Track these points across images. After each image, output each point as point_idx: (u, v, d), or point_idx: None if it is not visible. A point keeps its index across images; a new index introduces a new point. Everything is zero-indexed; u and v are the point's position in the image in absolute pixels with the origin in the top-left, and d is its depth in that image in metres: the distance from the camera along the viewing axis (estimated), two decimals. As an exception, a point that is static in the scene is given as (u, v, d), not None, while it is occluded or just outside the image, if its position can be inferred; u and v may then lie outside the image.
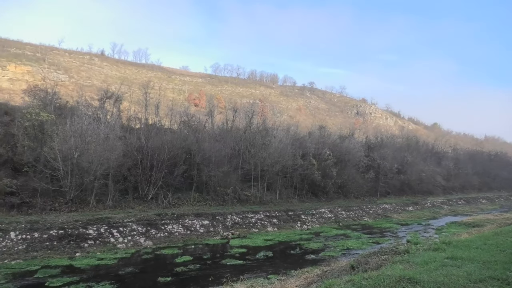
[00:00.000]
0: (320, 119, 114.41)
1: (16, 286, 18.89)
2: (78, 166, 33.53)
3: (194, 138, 44.92)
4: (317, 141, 58.05)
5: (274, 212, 42.40)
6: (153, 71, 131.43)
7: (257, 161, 47.57)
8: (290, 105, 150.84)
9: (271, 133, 54.79)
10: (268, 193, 48.13)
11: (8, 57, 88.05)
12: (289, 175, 50.67)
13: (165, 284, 20.37)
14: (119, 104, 50.21)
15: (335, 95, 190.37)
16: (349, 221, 46.48)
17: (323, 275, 14.01)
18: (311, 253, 28.80)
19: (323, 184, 53.07)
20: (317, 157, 54.15)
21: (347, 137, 69.08)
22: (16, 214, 29.57)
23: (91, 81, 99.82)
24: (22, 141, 35.48)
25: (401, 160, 70.93)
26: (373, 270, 11.52)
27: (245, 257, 27.02)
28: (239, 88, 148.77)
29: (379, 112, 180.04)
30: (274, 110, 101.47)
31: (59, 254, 25.26)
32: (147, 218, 33.22)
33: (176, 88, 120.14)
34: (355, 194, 59.05)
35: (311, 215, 44.97)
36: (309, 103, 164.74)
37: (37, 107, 38.80)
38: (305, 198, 51.88)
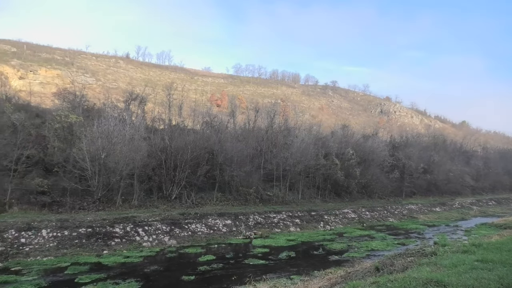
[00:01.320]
0: (342, 118, 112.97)
1: (48, 282, 19.63)
2: (105, 166, 34.54)
3: (217, 138, 45.33)
4: (340, 141, 57.37)
5: (296, 212, 42.20)
6: (176, 72, 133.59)
7: (279, 161, 47.48)
8: (312, 104, 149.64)
9: (293, 132, 54.57)
10: (290, 193, 47.94)
11: (39, 61, 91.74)
12: (312, 175, 50.29)
13: (189, 282, 20.65)
14: (143, 105, 51.38)
15: (358, 93, 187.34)
16: (373, 222, 45.66)
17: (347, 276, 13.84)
18: (334, 254, 28.46)
19: (346, 184, 52.38)
20: (340, 156, 53.49)
21: (370, 136, 67.91)
22: (47, 213, 30.78)
23: (117, 84, 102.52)
24: (53, 142, 36.88)
25: (427, 160, 69.03)
26: (399, 272, 11.27)
27: (267, 257, 27.01)
28: (261, 88, 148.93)
29: (404, 110, 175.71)
30: (296, 109, 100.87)
31: (88, 251, 26.10)
32: (171, 217, 33.80)
33: (199, 89, 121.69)
34: (380, 194, 57.95)
35: (334, 215, 44.46)
36: (331, 102, 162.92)
37: (66, 109, 40.30)
38: (328, 198, 51.35)
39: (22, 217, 28.47)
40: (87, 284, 19.42)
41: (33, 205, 31.37)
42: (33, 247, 25.26)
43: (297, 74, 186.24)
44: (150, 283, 20.35)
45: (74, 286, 19.00)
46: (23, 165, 33.10)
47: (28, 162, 33.95)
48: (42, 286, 18.90)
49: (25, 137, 34.31)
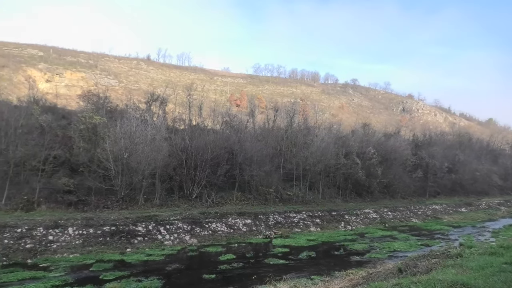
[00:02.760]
0: (363, 117, 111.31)
1: (74, 278, 20.26)
2: (128, 166, 35.33)
3: (236, 138, 45.55)
4: (360, 140, 56.57)
5: (317, 212, 41.89)
6: (195, 73, 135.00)
7: (299, 160, 47.25)
8: (332, 103, 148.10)
9: (312, 132, 54.22)
10: (310, 193, 47.65)
11: (65, 65, 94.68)
12: (332, 174, 49.81)
13: (209, 281, 20.85)
14: (164, 106, 52.23)
15: (379, 91, 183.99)
16: (396, 222, 44.79)
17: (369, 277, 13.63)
18: (356, 255, 28.10)
19: (367, 183, 51.61)
20: (361, 156, 52.74)
21: (392, 135, 66.73)
22: (73, 211, 31.78)
23: (139, 85, 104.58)
24: (78, 143, 38.02)
25: (452, 159, 67.14)
26: (423, 274, 11.01)
27: (287, 256, 26.95)
28: (280, 87, 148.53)
29: (427, 108, 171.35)
30: (315, 108, 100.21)
31: (112, 249, 26.78)
32: (192, 216, 34.21)
33: (218, 89, 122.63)
34: (402, 194, 56.80)
35: (355, 215, 43.88)
36: (351, 101, 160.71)
37: (90, 110, 41.46)
38: (348, 198, 50.73)
39: (50, 215, 29.52)
40: (111, 281, 19.91)
41: (60, 204, 32.47)
42: (60, 244, 26.14)
43: (317, 73, 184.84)
44: (171, 281, 20.67)
45: (99, 283, 19.52)
46: (50, 165, 34.31)
47: (55, 162, 35.15)
48: (69, 282, 19.51)
49: (52, 138, 35.56)
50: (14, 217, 28.38)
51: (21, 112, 35.72)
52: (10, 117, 33.04)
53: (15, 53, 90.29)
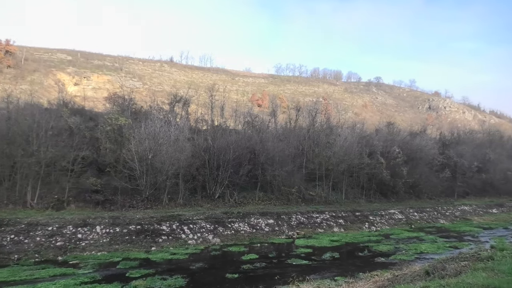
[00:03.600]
0: (388, 116, 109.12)
1: (102, 275, 20.88)
2: (152, 166, 36.07)
3: (258, 138, 45.62)
4: (385, 139, 55.45)
5: (340, 213, 41.38)
6: (217, 74, 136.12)
7: (321, 160, 46.82)
8: (355, 102, 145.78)
9: (335, 131, 53.57)
10: (333, 193, 47.11)
11: (92, 68, 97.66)
12: (356, 174, 49.04)
13: (233, 280, 20.97)
14: (187, 107, 53.02)
15: (404, 89, 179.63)
16: (422, 223, 43.63)
17: (394, 279, 13.33)
18: (381, 256, 27.56)
19: (392, 183, 50.51)
20: (385, 155, 51.70)
21: (418, 134, 65.05)
22: (100, 210, 32.77)
23: (162, 87, 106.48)
24: (105, 144, 39.15)
25: (482, 158, 64.68)
26: (451, 277, 10.66)
27: (310, 257, 26.76)
28: (302, 86, 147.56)
29: (455, 105, 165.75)
30: (338, 107, 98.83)
31: (137, 247, 27.42)
32: (215, 216, 34.54)
33: (240, 90, 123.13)
34: (429, 195, 55.26)
35: (380, 216, 43.05)
36: (375, 99, 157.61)
37: (116, 112, 42.61)
38: (373, 198, 49.82)
39: (79, 214, 30.57)
40: (137, 278, 20.38)
41: (88, 203, 33.56)
42: (88, 242, 27.00)
43: (339, 71, 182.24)
44: (195, 280, 20.93)
45: (125, 280, 20.02)
46: (79, 165, 35.49)
47: (83, 162, 36.35)
48: (97, 279, 20.12)
49: (80, 139, 36.78)
50: (46, 215, 29.56)
51: (51, 114, 37.11)
52: (41, 120, 34.39)
53: (46, 58, 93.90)
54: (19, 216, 28.34)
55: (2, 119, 35.24)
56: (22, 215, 28.78)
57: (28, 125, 33.88)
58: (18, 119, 35.19)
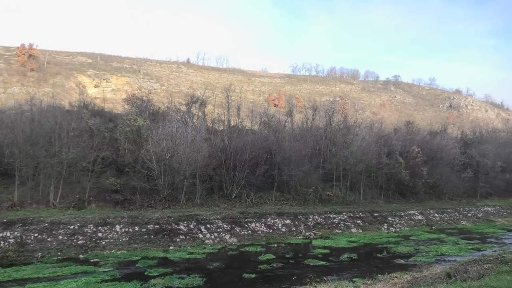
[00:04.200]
0: (406, 115, 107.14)
1: (121, 274, 21.28)
2: (170, 167, 36.53)
3: (274, 138, 45.56)
4: (404, 138, 54.46)
5: (358, 213, 40.89)
6: (234, 74, 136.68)
7: (338, 160, 46.37)
8: (373, 101, 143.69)
9: (353, 131, 52.93)
10: (351, 193, 46.58)
11: (111, 70, 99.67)
12: (374, 174, 48.33)
13: (250, 280, 21.01)
14: (203, 107, 53.46)
15: (424, 87, 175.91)
16: (443, 225, 42.66)
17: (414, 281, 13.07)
18: (400, 258, 27.09)
19: (411, 184, 49.54)
20: (404, 155, 50.75)
21: (438, 133, 63.60)
22: (120, 210, 33.41)
23: (179, 88, 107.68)
24: (124, 145, 39.90)
25: (506, 157, 62.60)
26: (474, 280, 10.37)
27: (328, 258, 26.54)
28: (318, 86, 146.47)
29: (477, 103, 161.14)
30: (355, 107, 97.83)
31: (156, 247, 27.82)
32: (232, 216, 34.68)
33: (256, 90, 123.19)
34: (450, 195, 53.93)
35: (399, 217, 42.31)
36: (394, 98, 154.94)
37: (134, 113, 43.37)
38: (391, 199, 48.99)
39: (99, 213, 31.26)
40: (155, 277, 20.69)
41: (108, 203, 34.27)
42: (108, 241, 27.58)
43: (356, 70, 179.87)
44: (212, 279, 21.08)
45: (144, 279, 20.34)
46: (99, 165, 36.29)
47: (103, 163, 37.16)
48: (117, 277, 20.52)
49: (100, 140, 37.60)
50: (67, 214, 30.36)
51: (73, 116, 38.06)
52: (63, 121, 35.32)
53: (67, 61, 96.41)
54: (42, 215, 29.20)
55: (26, 121, 36.34)
56: (45, 214, 29.64)
57: (51, 127, 34.84)
58: (41, 121, 36.24)
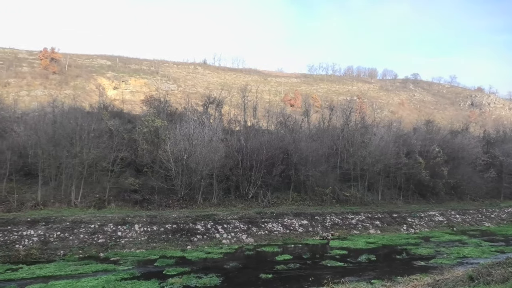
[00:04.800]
0: (426, 113, 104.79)
1: (140, 272, 21.63)
2: (187, 167, 36.90)
3: (291, 138, 45.40)
4: (423, 138, 53.36)
5: (376, 214, 40.31)
6: (250, 75, 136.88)
7: (356, 160, 45.83)
8: (391, 100, 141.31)
9: (370, 130, 52.21)
10: (369, 194, 45.95)
11: (129, 72, 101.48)
12: (392, 174, 47.53)
13: (267, 280, 21.00)
14: (220, 108, 53.79)
15: (444, 85, 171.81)
16: (465, 226, 41.61)
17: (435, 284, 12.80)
18: (420, 259, 26.55)
19: (432, 184, 48.47)
20: (424, 154, 49.73)
21: (459, 132, 62.08)
22: (139, 209, 33.97)
23: (196, 89, 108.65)
24: (142, 145, 40.54)
25: (531, 157, 60.45)
26: (498, 283, 10.07)
27: (345, 259, 26.26)
28: (335, 85, 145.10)
29: (500, 101, 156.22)
30: (373, 106, 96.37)
31: (173, 246, 28.16)
32: (248, 216, 34.76)
33: (272, 90, 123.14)
34: (472, 196, 52.51)
35: (419, 218, 41.49)
36: (413, 97, 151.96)
37: (152, 114, 44.01)
38: (411, 200, 48.06)
39: (118, 213, 31.86)
40: (173, 276, 20.94)
41: (127, 202, 34.89)
42: (127, 240, 28.08)
43: (374, 69, 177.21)
44: (230, 279, 21.16)
45: (162, 278, 20.62)
46: (118, 166, 37.01)
47: (122, 163, 37.88)
48: (136, 275, 20.87)
49: (120, 141, 38.33)
50: (88, 213, 31.09)
51: (93, 117, 38.95)
52: (84, 123, 36.19)
53: (87, 64, 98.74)
54: (64, 214, 29.98)
55: (48, 122, 37.41)
56: (67, 213, 30.43)
57: (72, 128, 35.74)
58: (63, 122, 37.25)
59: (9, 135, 37.32)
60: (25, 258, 23.84)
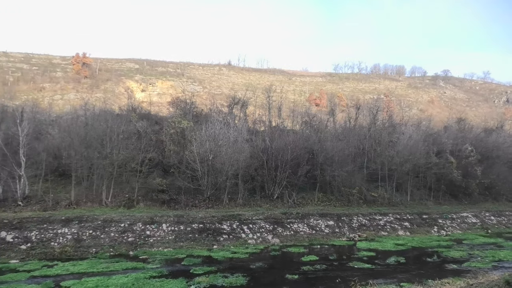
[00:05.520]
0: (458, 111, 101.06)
1: (168, 271, 22.08)
2: (213, 167, 37.34)
3: (316, 138, 45.00)
4: (455, 136, 51.55)
5: (405, 215, 39.28)
6: (274, 75, 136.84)
7: (384, 160, 44.82)
8: (420, 97, 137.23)
9: (398, 129, 50.96)
10: (397, 194, 44.81)
11: (156, 75, 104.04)
12: (422, 174, 46.14)
13: (292, 281, 20.91)
14: (245, 109, 54.07)
15: (477, 82, 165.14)
16: (501, 228, 39.86)
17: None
18: (452, 263, 25.64)
19: (464, 184, 46.70)
20: (455, 154, 48.02)
21: (494, 130, 59.57)
22: (166, 209, 34.69)
23: (221, 90, 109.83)
24: (169, 146, 41.40)
25: None
26: (537, 289, 9.56)
27: (373, 261, 25.73)
28: (361, 84, 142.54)
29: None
30: (401, 104, 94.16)
31: (200, 245, 28.57)
32: (274, 216, 34.73)
33: (297, 90, 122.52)
34: (508, 197, 50.24)
35: (451, 219, 40.07)
36: (443, 94, 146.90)
37: (179, 116, 44.87)
38: (442, 200, 46.48)
39: (147, 212, 32.68)
40: (200, 275, 21.23)
41: (155, 202, 35.71)
42: (155, 239, 28.75)
43: (402, 66, 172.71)
44: (255, 279, 21.22)
45: (189, 276, 20.96)
46: (146, 166, 37.96)
47: (150, 164, 38.81)
48: (164, 274, 21.32)
49: (147, 142, 39.30)
50: (118, 213, 32.06)
51: (122, 119, 40.15)
52: (114, 125, 37.38)
53: (116, 68, 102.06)
54: (96, 213, 31.08)
55: (81, 125, 38.90)
56: (99, 212, 31.51)
57: (103, 130, 37.01)
58: (94, 124, 38.63)
59: (44, 137, 39.07)
60: (60, 255, 24.89)
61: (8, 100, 44.89)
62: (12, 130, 35.26)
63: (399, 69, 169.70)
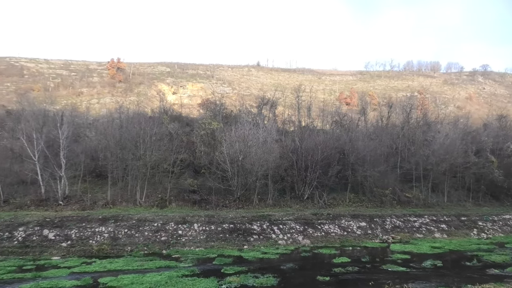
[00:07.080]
0: (498, 108, 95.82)
1: (200, 270, 22.42)
2: (243, 168, 37.60)
3: (347, 138, 44.22)
4: (495, 134, 49.02)
5: (442, 217, 37.75)
6: (303, 74, 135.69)
7: (418, 159, 43.32)
8: (457, 94, 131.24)
9: (434, 127, 49.08)
10: (433, 195, 43.15)
11: (187, 77, 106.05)
12: (460, 174, 44.17)
13: (324, 283, 20.62)
14: (274, 109, 54.06)
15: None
16: (548, 232, 37.30)
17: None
18: (494, 267, 24.30)
19: (506, 185, 44.33)
20: (496, 153, 45.67)
21: (539, 127, 55.79)
22: (197, 209, 35.32)
23: (250, 91, 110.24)
24: (200, 147, 42.16)
25: None
26: None
27: (408, 264, 24.90)
28: (394, 81, 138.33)
29: None
30: (436, 101, 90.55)
31: (231, 245, 28.83)
32: (304, 217, 34.45)
33: (327, 89, 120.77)
34: (556, 198, 46.96)
35: (492, 221, 38.08)
36: (482, 90, 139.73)
37: (209, 117, 45.59)
38: (482, 202, 44.28)
39: (179, 212, 33.41)
40: (231, 275, 21.38)
41: (186, 202, 36.46)
42: (187, 238, 29.33)
43: (437, 62, 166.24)
44: (286, 280, 21.10)
45: (221, 276, 21.17)
46: (178, 167, 38.83)
47: (182, 165, 39.68)
48: (196, 273, 21.67)
49: (179, 144, 40.24)
50: (151, 212, 33.00)
51: (154, 121, 41.30)
52: (147, 127, 38.54)
53: (148, 71, 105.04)
54: (130, 213, 32.15)
55: (116, 127, 40.40)
56: (133, 212, 32.58)
57: (136, 132, 38.25)
58: (128, 127, 40.01)
59: (82, 140, 40.93)
60: (98, 253, 25.97)
61: (49, 105, 47.35)
62: (53, 133, 37.22)
63: (434, 65, 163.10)
